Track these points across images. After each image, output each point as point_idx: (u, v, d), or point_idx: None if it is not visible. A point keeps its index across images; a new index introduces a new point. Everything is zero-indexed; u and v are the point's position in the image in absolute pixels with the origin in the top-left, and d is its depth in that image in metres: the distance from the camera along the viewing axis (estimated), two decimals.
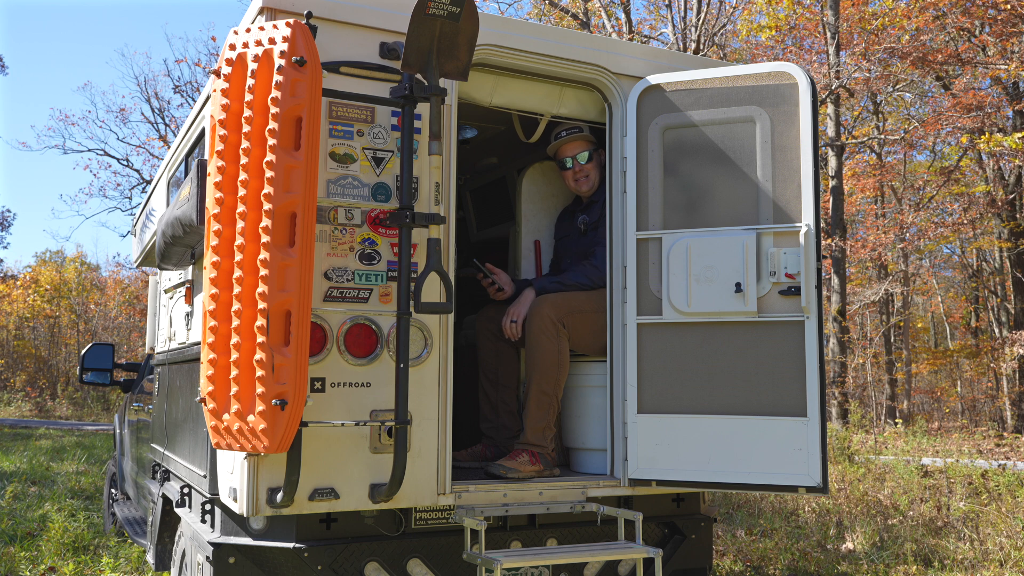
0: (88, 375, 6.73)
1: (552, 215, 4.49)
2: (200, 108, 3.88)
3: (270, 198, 2.62)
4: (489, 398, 4.18)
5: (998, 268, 23.99)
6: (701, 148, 3.56)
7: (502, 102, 3.75)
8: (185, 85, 23.99)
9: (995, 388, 22.95)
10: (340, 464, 2.97)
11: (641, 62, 3.74)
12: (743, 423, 3.41)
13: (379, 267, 3.09)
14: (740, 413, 3.42)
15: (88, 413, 23.65)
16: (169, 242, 3.83)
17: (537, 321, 3.73)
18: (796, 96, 3.45)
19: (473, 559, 3.06)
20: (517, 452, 3.62)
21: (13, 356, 29.91)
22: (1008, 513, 6.62)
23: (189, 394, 3.82)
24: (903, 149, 20.79)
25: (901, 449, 13.04)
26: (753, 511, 7.71)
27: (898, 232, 19.81)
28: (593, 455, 3.81)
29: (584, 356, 3.88)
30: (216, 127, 2.77)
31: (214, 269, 2.71)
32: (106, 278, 34.97)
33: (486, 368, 4.20)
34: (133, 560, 5.71)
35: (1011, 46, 15.72)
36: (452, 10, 2.90)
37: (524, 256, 4.41)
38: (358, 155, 3.10)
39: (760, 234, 3.43)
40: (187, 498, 3.79)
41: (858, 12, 17.51)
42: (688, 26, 15.47)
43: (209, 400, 2.73)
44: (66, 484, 9.15)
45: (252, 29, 2.79)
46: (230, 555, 3.10)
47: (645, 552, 3.19)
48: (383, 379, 3.05)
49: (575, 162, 4.07)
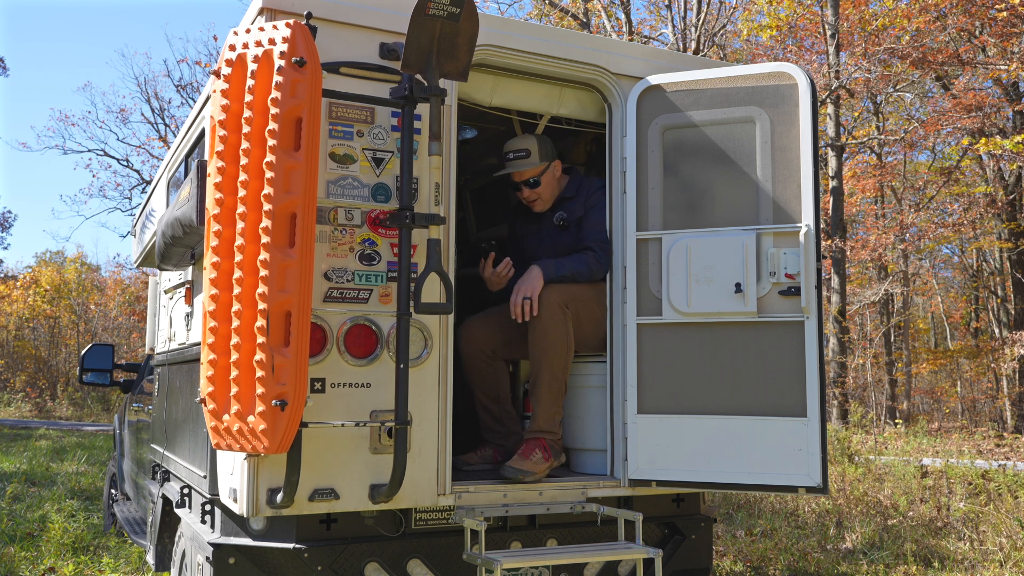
0: (88, 376, 6.73)
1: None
2: (200, 108, 3.89)
3: (270, 199, 2.62)
4: (492, 414, 4.06)
5: (998, 268, 24.00)
6: (701, 148, 3.56)
7: (502, 102, 3.75)
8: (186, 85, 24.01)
9: (995, 388, 22.95)
10: (340, 465, 2.97)
11: (641, 62, 3.74)
12: (743, 423, 3.41)
13: (379, 268, 3.10)
14: (740, 413, 3.42)
15: (88, 414, 23.65)
16: (169, 242, 3.83)
17: (546, 302, 3.64)
18: (796, 96, 3.45)
19: (473, 559, 3.06)
20: (530, 447, 3.55)
21: (13, 356, 29.91)
22: (1008, 513, 6.62)
23: (189, 395, 3.82)
24: (903, 149, 20.79)
25: (901, 449, 13.04)
26: (753, 511, 7.71)
27: (898, 232, 19.81)
28: (593, 455, 3.81)
29: (583, 355, 3.88)
30: (216, 127, 2.77)
31: (214, 270, 2.71)
32: (106, 278, 34.99)
33: (484, 387, 4.05)
34: (133, 560, 5.71)
35: (1011, 47, 15.72)
36: (452, 10, 2.90)
37: None
38: (358, 156, 3.10)
39: (760, 234, 3.44)
40: (187, 498, 3.79)
41: (858, 12, 17.51)
42: (688, 26, 15.47)
43: (209, 401, 2.73)
44: (66, 484, 9.15)
45: (252, 30, 2.79)
46: (230, 555, 3.10)
47: (645, 552, 3.19)
48: (383, 380, 3.05)
49: (524, 188, 3.97)
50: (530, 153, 3.91)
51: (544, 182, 3.95)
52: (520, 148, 3.92)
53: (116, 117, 44.66)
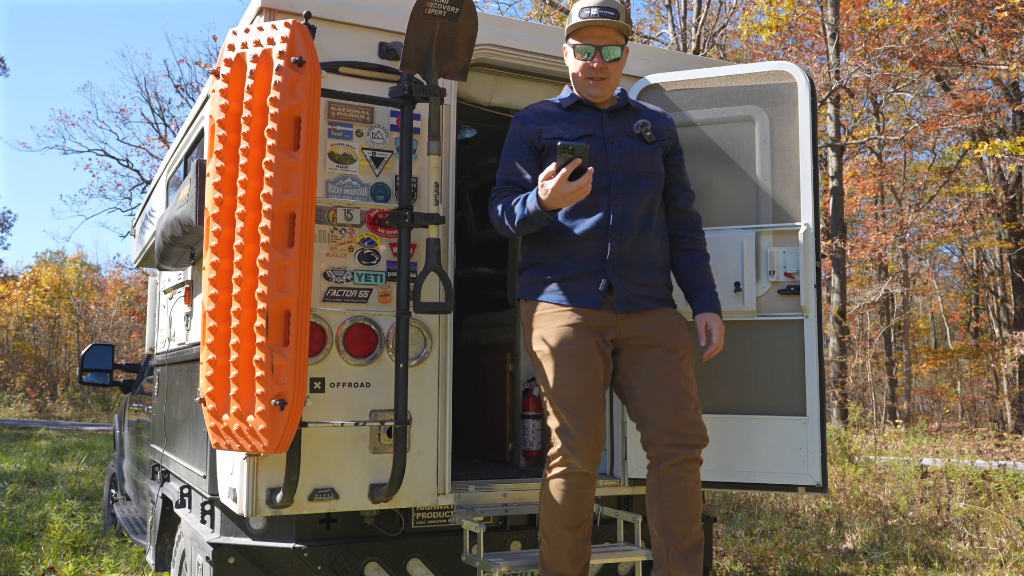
0: (88, 376, 6.73)
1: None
2: (199, 108, 3.89)
3: (269, 198, 2.62)
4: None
5: (998, 268, 23.99)
6: (700, 147, 3.56)
7: (502, 102, 3.75)
8: (185, 85, 24.01)
9: (995, 388, 22.95)
10: (340, 464, 2.97)
11: (640, 61, 3.74)
12: (742, 422, 3.41)
13: (378, 267, 3.10)
14: (739, 412, 3.42)
15: (88, 414, 23.65)
16: (168, 242, 3.83)
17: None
18: (795, 95, 3.45)
19: (472, 562, 3.06)
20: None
21: (13, 356, 29.92)
22: (1008, 513, 6.61)
23: (189, 394, 3.82)
24: (903, 149, 20.78)
25: (901, 449, 13.03)
26: (753, 511, 7.71)
27: (898, 232, 19.81)
28: None
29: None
30: (215, 127, 2.77)
31: (213, 269, 2.72)
32: (106, 279, 34.99)
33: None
34: (133, 560, 5.70)
35: (1011, 47, 15.72)
36: (451, 10, 2.90)
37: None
38: (357, 155, 3.11)
39: (759, 233, 3.44)
40: (187, 498, 3.79)
41: (858, 12, 17.51)
42: (688, 26, 15.47)
43: (208, 400, 2.73)
44: (66, 484, 9.15)
45: (251, 29, 2.79)
46: (230, 555, 3.10)
47: (645, 555, 3.18)
48: (383, 379, 3.05)
49: (598, 56, 2.93)
50: (619, 15, 2.93)
51: (623, 59, 3.00)
52: (608, 5, 2.92)
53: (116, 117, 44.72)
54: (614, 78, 2.98)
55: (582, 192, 2.65)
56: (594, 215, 2.90)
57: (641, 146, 3.00)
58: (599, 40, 2.93)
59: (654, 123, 3.05)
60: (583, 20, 2.92)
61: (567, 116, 3.01)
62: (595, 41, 2.93)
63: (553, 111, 3.03)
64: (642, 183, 2.96)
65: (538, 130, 2.98)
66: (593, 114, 3.02)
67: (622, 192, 2.91)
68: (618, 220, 2.91)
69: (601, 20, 2.89)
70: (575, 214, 2.92)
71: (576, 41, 2.96)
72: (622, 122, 3.03)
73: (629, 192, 2.93)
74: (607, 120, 3.01)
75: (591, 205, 2.89)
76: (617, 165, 2.94)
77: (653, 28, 19.22)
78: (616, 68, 2.97)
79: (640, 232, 2.94)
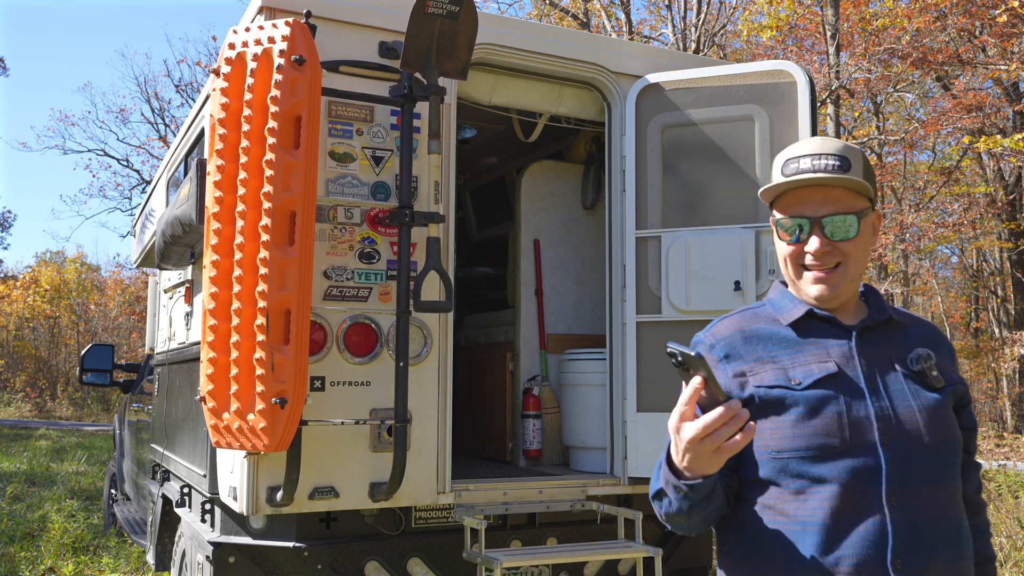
0: (88, 376, 6.74)
1: (552, 214, 4.47)
2: (200, 108, 3.89)
3: (269, 197, 2.62)
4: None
5: (998, 268, 23.99)
6: (700, 146, 3.56)
7: (501, 101, 3.75)
8: (186, 85, 24.00)
9: (995, 388, 22.95)
10: (340, 463, 2.97)
11: (640, 61, 3.75)
12: None
13: (379, 266, 3.10)
14: None
15: (88, 414, 23.66)
16: (169, 241, 3.83)
17: None
18: (795, 94, 3.45)
19: (473, 558, 3.06)
20: None
21: (13, 356, 29.92)
22: (1008, 513, 6.61)
23: (189, 394, 3.82)
24: (903, 149, 20.78)
25: None
26: None
27: (898, 232, 19.80)
28: (593, 453, 3.81)
29: (583, 354, 3.88)
30: (216, 126, 2.77)
31: (214, 268, 2.72)
32: (106, 279, 34.98)
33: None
34: (133, 560, 5.70)
35: (1011, 47, 15.73)
36: (451, 9, 2.90)
37: (523, 255, 4.41)
38: (357, 154, 3.11)
39: (759, 232, 3.43)
40: (187, 498, 3.79)
41: (858, 12, 17.51)
42: (688, 26, 15.47)
43: (209, 399, 2.73)
44: (66, 484, 9.15)
45: (252, 28, 2.79)
46: (230, 554, 3.10)
47: (645, 551, 3.18)
48: (383, 378, 3.05)
49: (817, 232, 1.66)
50: (851, 165, 1.65)
51: (863, 234, 1.68)
52: (836, 152, 1.66)
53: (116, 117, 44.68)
54: (853, 269, 1.67)
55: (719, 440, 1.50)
56: (859, 524, 1.54)
57: (921, 392, 1.65)
58: (818, 208, 1.65)
59: (936, 349, 1.72)
60: (788, 179, 1.66)
61: (794, 341, 1.71)
62: (811, 210, 1.65)
63: (766, 331, 1.75)
64: (934, 463, 1.60)
65: (741, 371, 1.75)
66: (832, 333, 1.69)
67: (902, 481, 1.56)
68: (904, 537, 1.53)
69: (819, 179, 1.63)
70: (814, 513, 1.56)
71: (779, 214, 1.70)
72: (884, 348, 1.69)
73: (917, 481, 1.57)
74: (859, 344, 1.68)
75: (852, 504, 1.54)
76: (890, 429, 1.59)
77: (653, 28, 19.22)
78: (857, 251, 1.66)
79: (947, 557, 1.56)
